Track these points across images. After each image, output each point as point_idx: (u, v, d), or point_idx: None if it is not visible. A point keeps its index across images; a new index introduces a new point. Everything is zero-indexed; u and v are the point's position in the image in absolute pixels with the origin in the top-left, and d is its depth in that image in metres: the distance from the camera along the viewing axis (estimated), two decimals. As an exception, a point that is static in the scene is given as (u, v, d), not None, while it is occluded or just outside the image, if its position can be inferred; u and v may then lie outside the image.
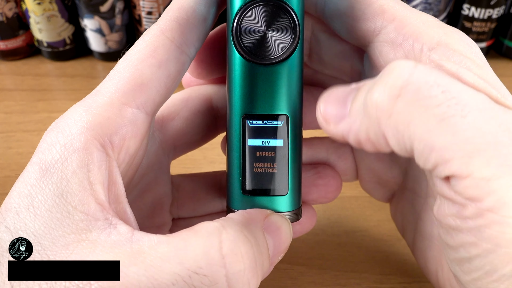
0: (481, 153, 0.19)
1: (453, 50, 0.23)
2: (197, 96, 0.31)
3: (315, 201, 0.32)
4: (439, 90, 0.20)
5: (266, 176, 0.26)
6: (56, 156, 0.21)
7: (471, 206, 0.20)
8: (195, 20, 0.25)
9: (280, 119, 0.25)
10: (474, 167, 0.19)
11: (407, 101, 0.20)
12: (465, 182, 0.20)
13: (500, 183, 0.19)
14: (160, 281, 0.20)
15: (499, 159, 0.19)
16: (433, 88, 0.20)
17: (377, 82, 0.21)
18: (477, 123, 0.19)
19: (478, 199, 0.20)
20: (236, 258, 0.21)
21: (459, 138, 0.19)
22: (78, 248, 0.20)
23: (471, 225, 0.21)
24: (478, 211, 0.20)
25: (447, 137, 0.19)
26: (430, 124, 0.19)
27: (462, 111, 0.19)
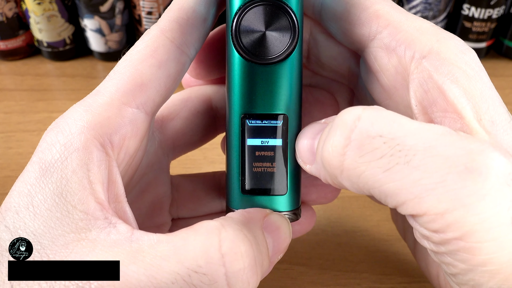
0: (429, 193, 0.20)
1: (443, 59, 0.23)
2: (197, 96, 0.31)
3: (315, 201, 0.32)
4: (381, 141, 0.20)
5: (265, 176, 0.26)
6: (56, 155, 0.21)
7: (436, 238, 0.21)
8: (195, 20, 0.25)
9: (279, 119, 0.25)
10: (427, 205, 0.20)
11: (353, 157, 0.21)
12: (423, 218, 0.21)
13: (455, 216, 0.20)
14: (160, 280, 0.20)
15: (448, 194, 0.20)
16: (375, 140, 0.20)
17: (327, 136, 0.22)
18: (422, 165, 0.20)
19: (440, 231, 0.21)
20: (236, 257, 0.21)
21: (407, 183, 0.20)
22: (77, 247, 0.20)
23: (444, 250, 0.21)
24: (445, 241, 0.21)
25: (395, 183, 0.20)
26: (378, 175, 0.20)
27: (406, 156, 0.20)
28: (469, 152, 0.20)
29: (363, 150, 0.20)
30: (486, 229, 0.20)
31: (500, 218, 0.20)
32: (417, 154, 0.20)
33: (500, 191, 0.20)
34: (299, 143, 0.25)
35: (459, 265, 0.21)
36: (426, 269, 0.31)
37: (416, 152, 0.20)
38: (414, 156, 0.20)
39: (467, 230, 0.20)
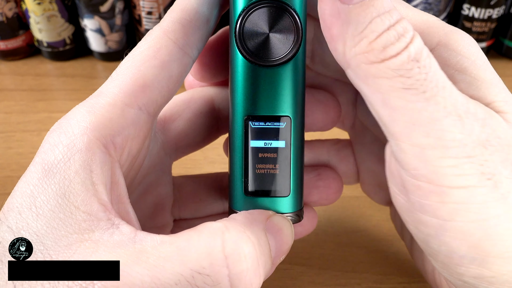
0: (423, 125, 0.21)
1: (451, 51, 0.23)
2: (199, 97, 0.31)
3: (316, 203, 0.33)
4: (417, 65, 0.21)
5: (268, 178, 0.26)
6: (59, 156, 0.21)
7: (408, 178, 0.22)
8: (198, 21, 0.25)
9: (282, 121, 0.25)
10: (414, 134, 0.21)
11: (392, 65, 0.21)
12: (403, 146, 0.22)
13: (434, 154, 0.21)
14: (163, 281, 0.20)
15: (437, 134, 0.21)
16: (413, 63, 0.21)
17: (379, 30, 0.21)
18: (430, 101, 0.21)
19: (412, 167, 0.22)
20: (239, 259, 0.21)
21: (411, 106, 0.21)
22: (81, 248, 0.20)
23: (413, 200, 0.23)
24: (415, 183, 0.22)
25: (403, 102, 0.21)
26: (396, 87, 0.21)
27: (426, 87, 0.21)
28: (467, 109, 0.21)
29: (402, 66, 0.21)
30: (457, 174, 0.21)
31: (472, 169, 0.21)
32: (433, 89, 0.21)
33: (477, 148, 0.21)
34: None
35: (429, 220, 0.22)
36: (422, 266, 0.31)
37: (433, 87, 0.21)
38: (431, 89, 0.21)
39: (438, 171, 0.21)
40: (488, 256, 0.22)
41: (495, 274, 0.22)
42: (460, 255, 0.22)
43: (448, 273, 0.24)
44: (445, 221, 0.22)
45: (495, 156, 0.21)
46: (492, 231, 0.22)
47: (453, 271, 0.24)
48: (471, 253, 0.22)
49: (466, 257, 0.22)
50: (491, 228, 0.21)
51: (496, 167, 0.21)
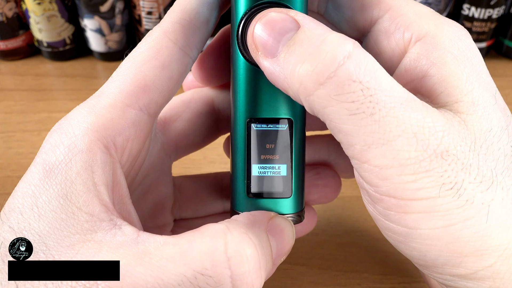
0: (378, 147, 0.21)
1: (436, 44, 0.23)
2: (199, 98, 0.31)
3: (316, 201, 0.33)
4: (359, 87, 0.21)
5: (271, 179, 0.26)
6: (60, 157, 0.21)
7: (372, 192, 0.23)
8: (197, 22, 0.25)
9: (284, 123, 0.25)
10: (370, 155, 0.22)
11: (329, 91, 0.21)
12: (363, 166, 0.22)
13: (391, 172, 0.21)
14: (166, 282, 0.20)
15: (392, 153, 0.21)
16: (354, 85, 0.21)
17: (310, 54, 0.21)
18: (382, 121, 0.21)
19: (375, 185, 0.22)
20: (241, 260, 0.21)
21: (363, 131, 0.21)
22: (83, 248, 0.20)
23: (380, 210, 0.23)
24: (378, 196, 0.23)
25: (353, 127, 0.21)
26: (342, 114, 0.21)
27: (373, 108, 0.21)
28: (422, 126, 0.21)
29: (341, 89, 0.21)
30: (417, 188, 0.21)
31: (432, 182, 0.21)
32: (381, 110, 0.21)
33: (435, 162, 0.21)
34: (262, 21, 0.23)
35: (396, 228, 0.23)
36: None
37: (381, 108, 0.21)
38: (379, 111, 0.21)
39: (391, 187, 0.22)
40: (459, 257, 0.22)
41: (471, 271, 0.23)
42: (432, 258, 0.23)
43: (428, 273, 0.25)
44: (411, 229, 0.22)
45: (455, 165, 0.21)
46: (459, 235, 0.22)
47: (431, 272, 0.24)
48: (442, 257, 0.22)
49: (439, 259, 0.23)
50: (458, 232, 0.22)
51: (457, 175, 0.21)
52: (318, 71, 0.21)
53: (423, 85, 0.23)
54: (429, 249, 0.23)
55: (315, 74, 0.21)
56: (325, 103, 0.21)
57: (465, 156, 0.22)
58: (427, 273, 0.25)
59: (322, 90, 0.21)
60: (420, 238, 0.22)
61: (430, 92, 0.23)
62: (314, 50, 0.21)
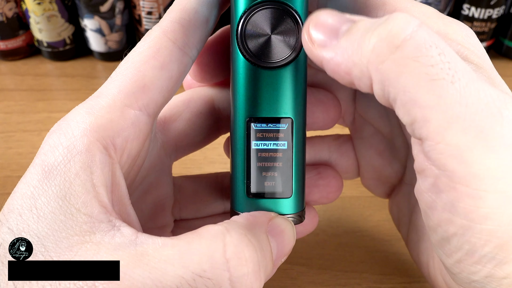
0: (460, 121, 0.19)
1: (450, 40, 0.23)
2: (199, 97, 0.31)
3: (317, 201, 0.33)
4: (437, 51, 0.20)
5: (271, 179, 0.26)
6: (59, 158, 0.21)
7: (443, 178, 0.21)
8: (197, 21, 0.25)
9: (284, 122, 0.25)
10: (450, 132, 0.20)
11: (405, 54, 0.20)
12: (438, 147, 0.20)
13: (473, 154, 0.20)
14: (165, 284, 0.20)
15: (475, 130, 0.19)
16: (432, 49, 0.20)
17: (380, 25, 0.20)
18: (463, 92, 0.20)
19: (449, 168, 0.20)
20: (240, 262, 0.21)
21: (444, 102, 0.20)
22: (82, 249, 0.20)
23: (445, 200, 0.21)
24: (450, 184, 0.20)
25: (433, 97, 0.20)
26: (421, 80, 0.20)
27: (453, 76, 0.20)
28: (505, 101, 0.20)
29: (419, 52, 0.20)
30: (495, 178, 0.20)
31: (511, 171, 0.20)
32: (461, 79, 0.20)
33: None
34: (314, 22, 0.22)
35: (458, 221, 0.21)
36: (417, 257, 0.31)
37: (461, 77, 0.20)
38: (459, 80, 0.20)
39: (476, 173, 0.20)
40: (507, 257, 0.21)
41: (507, 275, 0.22)
42: (481, 254, 0.21)
43: (458, 270, 0.23)
44: (475, 224, 0.21)
45: None
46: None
47: (466, 269, 0.23)
48: (493, 253, 0.21)
49: (487, 256, 0.21)
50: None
51: None
52: (393, 33, 0.20)
53: None
54: (484, 244, 0.21)
55: (390, 37, 0.20)
56: (402, 68, 0.20)
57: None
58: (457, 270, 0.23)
59: (399, 53, 0.20)
60: (482, 234, 0.21)
61: None
62: (382, 22, 0.20)
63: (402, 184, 0.33)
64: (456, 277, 0.24)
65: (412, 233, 0.31)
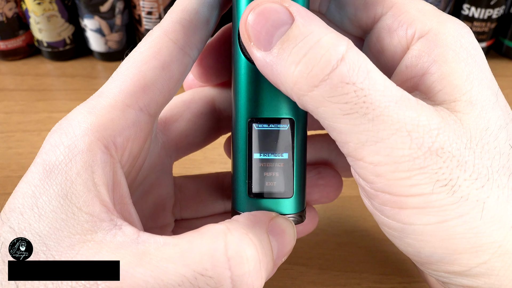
0: (371, 144, 0.21)
1: (438, 40, 0.23)
2: (200, 98, 0.31)
3: (317, 201, 0.33)
4: (352, 89, 0.21)
5: (272, 179, 0.26)
6: (60, 157, 0.21)
7: (366, 187, 0.23)
8: (198, 22, 0.25)
9: (285, 123, 0.25)
10: (365, 153, 0.22)
11: (323, 93, 0.21)
12: (358, 164, 0.23)
13: (385, 169, 0.22)
14: (167, 282, 0.20)
15: (386, 151, 0.21)
16: (348, 86, 0.21)
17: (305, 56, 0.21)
18: (376, 120, 0.21)
19: (370, 181, 0.23)
20: (241, 261, 0.21)
21: (356, 129, 0.21)
22: (83, 248, 0.20)
23: (375, 205, 0.24)
24: (373, 192, 0.23)
25: (347, 126, 0.22)
26: (336, 115, 0.21)
27: (367, 109, 0.21)
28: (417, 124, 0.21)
29: (334, 92, 0.21)
30: (411, 185, 0.22)
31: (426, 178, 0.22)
32: (375, 110, 0.21)
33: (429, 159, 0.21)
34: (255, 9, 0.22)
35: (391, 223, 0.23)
36: None
37: (375, 107, 0.21)
38: (373, 110, 0.21)
39: (391, 184, 0.22)
40: (453, 254, 0.22)
41: (466, 268, 0.23)
42: (427, 255, 0.23)
43: (424, 270, 0.25)
44: (405, 224, 0.23)
45: (450, 162, 0.22)
46: (453, 231, 0.22)
47: (427, 268, 0.24)
48: (437, 253, 0.23)
49: (433, 256, 0.23)
50: (452, 228, 0.22)
51: (452, 172, 0.22)
52: (312, 74, 0.21)
53: (423, 83, 0.23)
54: (423, 245, 0.23)
55: (309, 77, 0.21)
56: (318, 104, 0.21)
57: (460, 154, 0.22)
58: (424, 270, 0.25)
59: (315, 92, 0.21)
60: (415, 234, 0.23)
61: (428, 89, 0.23)
62: (308, 50, 0.21)
63: None
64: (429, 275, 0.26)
65: None
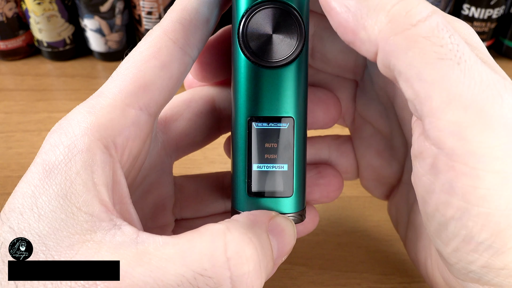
0: (461, 100, 0.20)
1: None
2: (200, 97, 0.31)
3: (317, 200, 0.33)
4: (448, 34, 0.20)
5: (272, 178, 0.26)
6: (60, 157, 0.21)
7: (442, 157, 0.21)
8: (198, 21, 0.25)
9: (285, 122, 0.25)
10: (450, 109, 0.20)
11: (418, 32, 0.20)
12: (438, 124, 0.20)
13: (472, 131, 0.20)
14: (166, 282, 0.20)
15: (476, 109, 0.20)
16: (443, 31, 0.20)
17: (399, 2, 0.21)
18: (467, 73, 0.20)
19: (448, 146, 0.20)
20: (241, 261, 0.21)
21: (448, 80, 0.20)
22: (83, 248, 0.20)
23: (443, 181, 0.21)
24: (449, 163, 0.21)
25: (438, 74, 0.20)
26: (429, 58, 0.20)
27: (460, 58, 0.20)
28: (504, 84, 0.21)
29: (432, 32, 0.20)
30: (493, 157, 0.20)
31: (510, 152, 0.20)
32: (467, 62, 0.20)
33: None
34: None
35: (455, 203, 0.21)
36: (415, 257, 0.31)
37: (467, 59, 0.20)
38: (465, 62, 0.20)
39: (475, 151, 0.20)
40: (504, 246, 0.21)
41: (505, 266, 0.22)
42: (478, 241, 0.21)
43: (456, 260, 0.23)
44: (472, 206, 0.21)
45: None
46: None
47: (463, 258, 0.23)
48: (490, 241, 0.21)
49: (484, 244, 0.21)
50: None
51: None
52: (411, 13, 0.21)
53: None
54: (481, 230, 0.21)
55: (408, 15, 0.21)
56: (413, 44, 0.20)
57: None
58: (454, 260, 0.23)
59: (413, 30, 0.20)
60: (479, 217, 0.21)
61: None
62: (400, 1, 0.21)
63: (400, 184, 0.33)
64: (453, 268, 0.24)
65: (410, 232, 0.31)
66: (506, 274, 0.22)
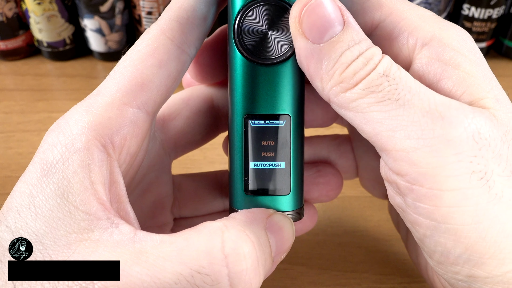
0: (403, 128, 0.21)
1: (445, 45, 0.23)
2: (198, 95, 0.31)
3: (317, 199, 0.33)
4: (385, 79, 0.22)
5: (269, 176, 0.26)
6: (57, 156, 0.21)
7: (401, 182, 0.22)
8: (195, 19, 0.25)
9: (282, 119, 0.25)
10: (396, 139, 0.21)
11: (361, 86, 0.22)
12: (391, 155, 0.22)
13: (419, 155, 0.21)
14: (163, 281, 0.20)
15: (417, 134, 0.21)
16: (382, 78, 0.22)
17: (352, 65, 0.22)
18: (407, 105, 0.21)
19: (404, 173, 0.22)
20: (238, 258, 0.21)
21: (388, 115, 0.21)
22: (80, 247, 0.20)
23: (409, 202, 0.23)
24: (408, 186, 0.22)
25: (380, 114, 0.22)
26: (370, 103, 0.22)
27: (399, 94, 0.21)
28: (449, 105, 0.21)
29: (370, 84, 0.22)
30: (446, 175, 0.21)
31: (462, 168, 0.21)
32: (406, 95, 0.21)
33: (464, 142, 0.21)
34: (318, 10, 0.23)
35: (424, 222, 0.22)
36: (416, 259, 0.31)
37: (407, 93, 0.21)
38: (404, 96, 0.21)
39: (426, 173, 0.21)
40: (482, 257, 0.22)
41: (489, 275, 0.22)
42: (455, 256, 0.22)
43: (443, 271, 0.24)
44: (439, 223, 0.22)
45: (485, 152, 0.21)
46: (487, 233, 0.21)
47: (448, 270, 0.23)
48: (466, 254, 0.22)
49: (461, 257, 0.22)
50: (486, 230, 0.21)
51: (487, 164, 0.21)
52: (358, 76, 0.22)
53: (441, 88, 0.23)
54: (454, 245, 0.22)
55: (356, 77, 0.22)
56: (355, 96, 0.22)
57: (496, 145, 0.21)
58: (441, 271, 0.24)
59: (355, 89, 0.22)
60: (448, 233, 0.22)
61: (450, 94, 0.23)
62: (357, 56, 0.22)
63: None
64: (443, 277, 0.24)
65: (411, 236, 0.31)
66: (493, 282, 0.22)
